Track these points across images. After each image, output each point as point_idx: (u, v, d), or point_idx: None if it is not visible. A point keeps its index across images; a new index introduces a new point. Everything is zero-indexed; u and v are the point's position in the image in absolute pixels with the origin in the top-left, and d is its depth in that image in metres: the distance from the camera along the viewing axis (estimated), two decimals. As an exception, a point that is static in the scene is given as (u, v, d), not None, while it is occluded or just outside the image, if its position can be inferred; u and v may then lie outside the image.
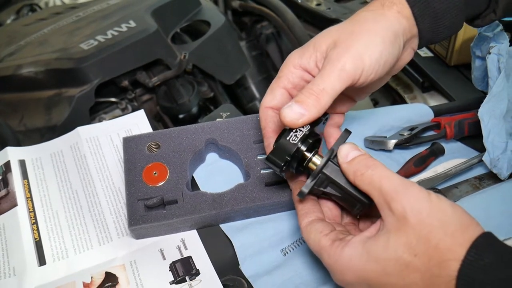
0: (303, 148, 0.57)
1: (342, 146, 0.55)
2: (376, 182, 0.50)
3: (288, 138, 0.56)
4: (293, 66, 0.61)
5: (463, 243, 0.45)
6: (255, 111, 1.40)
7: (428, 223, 0.46)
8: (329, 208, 0.62)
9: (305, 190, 0.55)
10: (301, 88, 0.61)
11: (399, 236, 0.47)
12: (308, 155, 0.57)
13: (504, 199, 0.70)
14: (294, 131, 0.56)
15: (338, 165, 0.55)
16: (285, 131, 0.57)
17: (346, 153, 0.54)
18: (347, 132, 0.58)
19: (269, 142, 0.61)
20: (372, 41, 0.56)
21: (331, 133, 0.66)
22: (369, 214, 0.61)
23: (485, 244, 0.45)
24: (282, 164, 0.56)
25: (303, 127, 0.56)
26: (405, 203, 0.47)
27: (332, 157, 0.56)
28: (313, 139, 0.57)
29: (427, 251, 0.46)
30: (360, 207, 0.57)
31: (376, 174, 0.51)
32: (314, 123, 0.57)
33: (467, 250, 0.45)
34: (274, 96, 0.62)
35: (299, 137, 0.56)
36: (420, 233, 0.46)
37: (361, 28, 0.57)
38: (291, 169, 0.58)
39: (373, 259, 0.49)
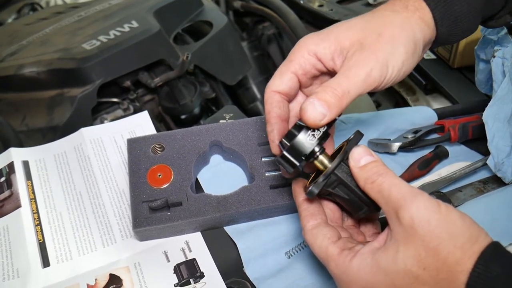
0: (317, 148, 0.55)
1: (355, 149, 0.53)
2: (385, 190, 0.49)
3: (306, 136, 0.54)
4: (307, 52, 0.58)
5: (472, 255, 0.44)
6: (256, 111, 1.40)
7: (437, 235, 0.45)
8: (331, 210, 0.60)
9: (315, 190, 0.53)
10: (311, 76, 0.60)
11: (408, 248, 0.46)
12: (317, 152, 0.56)
13: (509, 203, 0.70)
14: (311, 129, 0.54)
15: (349, 167, 0.54)
16: (301, 127, 0.54)
17: (359, 158, 0.52)
18: (360, 134, 0.56)
19: (273, 128, 0.59)
20: (398, 50, 0.55)
21: None
22: (370, 217, 0.61)
23: (493, 255, 0.45)
24: (298, 164, 0.54)
25: None
26: (413, 212, 0.46)
27: (345, 158, 0.54)
28: (326, 139, 0.56)
29: (436, 264, 0.45)
30: (366, 211, 0.56)
31: (386, 182, 0.49)
32: (330, 124, 0.55)
33: (475, 262, 0.44)
34: (282, 80, 0.59)
35: (317, 137, 0.54)
36: (429, 245, 0.45)
37: (387, 32, 0.55)
38: (300, 168, 0.56)
39: (383, 271, 0.48)
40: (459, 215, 0.47)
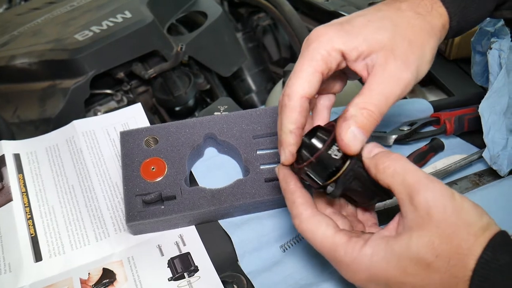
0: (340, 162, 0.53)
1: (367, 145, 0.53)
2: (399, 174, 0.48)
3: (330, 153, 0.51)
4: (333, 49, 0.52)
5: (482, 241, 0.45)
6: (251, 103, 1.40)
7: (452, 222, 0.45)
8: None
9: (338, 192, 0.52)
10: (330, 75, 0.55)
11: (421, 235, 0.46)
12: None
13: (504, 196, 0.70)
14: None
15: (361, 163, 0.53)
16: (323, 140, 0.52)
17: (370, 150, 0.52)
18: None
19: (297, 141, 0.54)
20: (426, 57, 0.54)
21: (322, 115, 0.61)
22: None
23: (501, 244, 0.45)
24: (321, 184, 0.53)
25: None
26: (429, 196, 0.46)
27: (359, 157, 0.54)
28: None
29: (449, 251, 0.45)
30: (377, 200, 0.57)
31: (400, 166, 0.49)
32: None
33: (483, 248, 0.44)
34: (311, 83, 0.52)
35: (342, 153, 0.52)
36: (444, 232, 0.45)
37: (417, 40, 0.53)
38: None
39: (396, 258, 0.47)
40: (472, 203, 0.47)
